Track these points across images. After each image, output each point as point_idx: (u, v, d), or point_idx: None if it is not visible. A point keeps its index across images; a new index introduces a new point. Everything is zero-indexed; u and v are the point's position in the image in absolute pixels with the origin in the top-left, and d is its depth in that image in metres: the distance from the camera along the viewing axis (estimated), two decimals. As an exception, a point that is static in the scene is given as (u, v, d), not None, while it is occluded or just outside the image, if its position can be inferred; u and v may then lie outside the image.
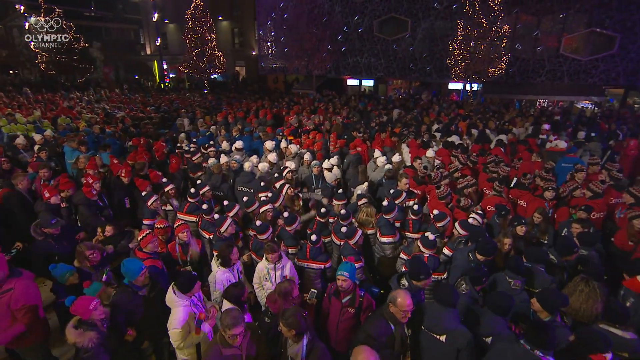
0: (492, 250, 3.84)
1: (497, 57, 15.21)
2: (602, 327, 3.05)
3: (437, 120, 11.71)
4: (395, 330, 3.02)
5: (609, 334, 2.89)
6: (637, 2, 16.09)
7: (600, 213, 5.35)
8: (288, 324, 2.79)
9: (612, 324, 3.01)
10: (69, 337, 2.93)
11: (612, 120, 12.39)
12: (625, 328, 2.97)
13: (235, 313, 2.77)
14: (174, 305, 3.32)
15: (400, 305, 2.91)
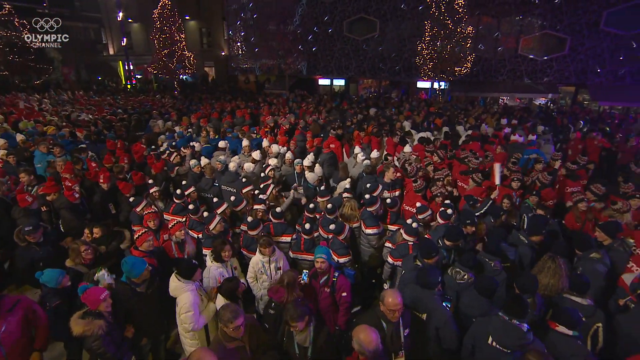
0: (457, 235, 4.17)
1: (462, 57, 15.98)
2: (565, 296, 3.46)
3: (407, 117, 12.22)
4: (387, 328, 3.06)
5: (571, 301, 3.35)
6: (583, 8, 17.43)
7: (552, 200, 5.89)
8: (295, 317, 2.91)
9: (575, 294, 3.41)
10: (76, 329, 2.99)
11: (565, 116, 13.43)
12: (584, 296, 3.38)
13: (232, 307, 2.89)
14: (181, 292, 3.42)
15: (389, 304, 2.95)
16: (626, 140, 9.47)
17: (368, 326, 2.72)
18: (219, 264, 3.94)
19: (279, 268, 4.08)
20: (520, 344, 2.68)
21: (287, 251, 4.61)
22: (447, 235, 4.19)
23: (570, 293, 3.44)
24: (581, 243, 4.17)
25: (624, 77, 17.56)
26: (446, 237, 4.20)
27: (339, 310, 3.85)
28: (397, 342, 3.07)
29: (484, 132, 10.35)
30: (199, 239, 4.77)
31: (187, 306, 3.40)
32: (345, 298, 3.76)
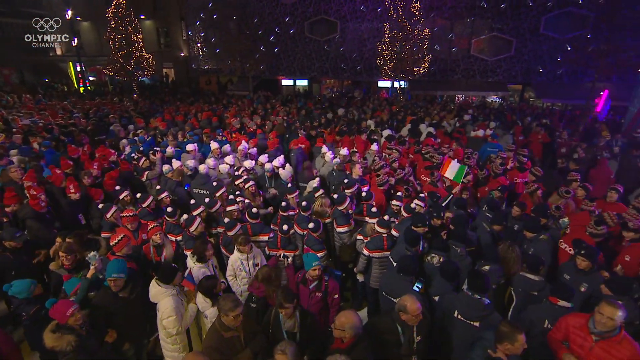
0: (422, 221, 4.53)
1: (420, 57, 16.77)
2: (521, 274, 3.93)
3: (372, 117, 12.72)
4: (404, 334, 3.11)
5: (526, 278, 3.82)
6: (525, 13, 18.90)
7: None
8: (288, 299, 3.12)
9: (529, 272, 3.87)
10: (47, 341, 2.97)
11: (514, 113, 14.56)
12: (537, 274, 3.85)
13: (232, 296, 3.06)
14: (162, 297, 3.48)
15: (413, 311, 2.97)
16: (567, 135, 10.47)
17: (347, 310, 2.98)
18: (201, 264, 4.04)
19: (257, 264, 4.26)
20: (481, 315, 3.05)
21: (264, 248, 4.76)
22: (414, 222, 4.54)
23: (526, 271, 3.90)
24: (532, 227, 4.65)
25: (561, 77, 19.27)
26: (413, 224, 4.54)
27: (329, 311, 3.97)
28: (410, 348, 3.13)
29: (446, 129, 11.06)
30: (178, 241, 4.81)
31: (169, 311, 3.46)
32: (337, 300, 3.94)
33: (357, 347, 2.92)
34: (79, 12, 29.38)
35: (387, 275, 3.93)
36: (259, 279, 3.78)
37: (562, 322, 3.25)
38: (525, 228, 4.70)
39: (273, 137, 9.19)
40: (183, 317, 3.57)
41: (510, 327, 2.68)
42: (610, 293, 3.42)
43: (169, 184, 6.46)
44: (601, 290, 3.52)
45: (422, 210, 5.19)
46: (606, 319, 2.83)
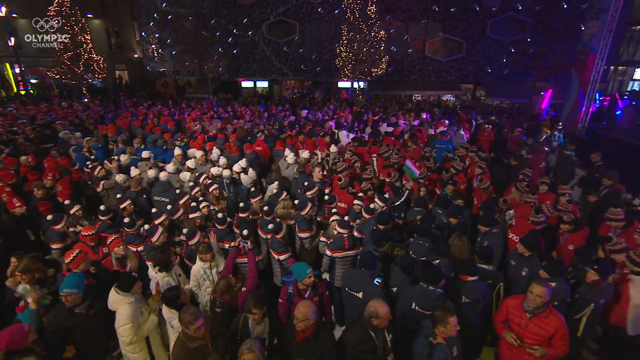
0: (387, 219, 4.82)
1: (377, 58, 17.30)
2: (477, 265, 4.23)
3: (332, 118, 12.96)
4: (377, 337, 3.15)
5: (481, 269, 4.09)
6: (473, 17, 20.07)
7: (464, 185, 6.96)
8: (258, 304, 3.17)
9: (483, 262, 4.19)
10: None
11: (467, 111, 15.42)
12: (490, 264, 4.20)
13: (191, 309, 3.06)
14: (119, 304, 3.44)
15: (382, 315, 3.05)
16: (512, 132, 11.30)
17: (301, 301, 3.12)
18: (164, 273, 4.01)
19: (221, 272, 4.26)
20: (435, 305, 3.31)
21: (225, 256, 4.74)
22: (378, 220, 4.79)
23: (479, 262, 4.20)
24: (486, 221, 4.93)
25: (507, 77, 20.67)
26: (378, 222, 4.79)
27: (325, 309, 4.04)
28: (385, 350, 3.20)
29: (399, 128, 11.52)
30: (140, 252, 4.71)
31: (124, 319, 3.44)
32: (328, 296, 4.04)
33: (321, 331, 3.09)
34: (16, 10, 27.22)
35: (348, 271, 4.13)
36: (218, 293, 3.80)
37: (503, 305, 3.62)
38: (480, 223, 4.99)
39: (233, 141, 9.10)
40: (140, 327, 3.53)
41: (443, 312, 2.94)
42: (548, 276, 3.82)
43: (128, 193, 6.27)
44: (540, 274, 3.92)
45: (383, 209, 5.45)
46: (535, 297, 3.19)
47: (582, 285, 3.90)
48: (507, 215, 5.36)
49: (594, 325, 3.87)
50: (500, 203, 5.70)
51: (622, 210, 4.94)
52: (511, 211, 5.38)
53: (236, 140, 9.39)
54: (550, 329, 3.26)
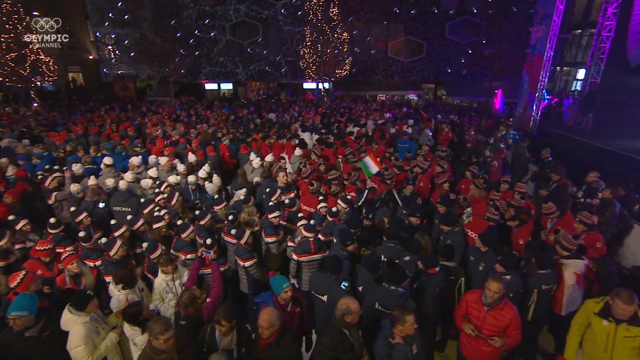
0: (356, 222, 4.91)
1: (341, 59, 17.50)
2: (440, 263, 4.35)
3: (297, 120, 12.96)
4: (352, 335, 3.18)
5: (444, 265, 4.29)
6: (432, 19, 20.80)
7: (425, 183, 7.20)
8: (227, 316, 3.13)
9: (445, 259, 4.38)
10: None
11: (427, 110, 15.95)
12: (452, 261, 4.38)
13: (164, 319, 2.98)
14: (72, 325, 3.27)
15: (355, 310, 3.10)
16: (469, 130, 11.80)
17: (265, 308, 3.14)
18: (127, 290, 3.85)
19: (184, 284, 4.16)
20: (397, 304, 3.42)
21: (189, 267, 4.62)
22: (348, 223, 4.90)
23: (442, 259, 4.37)
24: (448, 221, 5.10)
25: (466, 77, 21.59)
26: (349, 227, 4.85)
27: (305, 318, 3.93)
28: (360, 347, 3.23)
29: (370, 128, 11.73)
30: (97, 267, 4.50)
31: (77, 340, 3.26)
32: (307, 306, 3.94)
33: (284, 336, 3.10)
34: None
35: (315, 274, 4.18)
36: (182, 306, 3.70)
37: (463, 300, 3.80)
38: (442, 222, 5.16)
39: (195, 146, 8.89)
40: (97, 347, 3.38)
41: (401, 311, 3.04)
42: (503, 269, 4.05)
43: (84, 204, 5.96)
44: (496, 268, 4.15)
45: (346, 211, 5.54)
46: (492, 293, 3.39)
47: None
48: (465, 212, 5.61)
49: (542, 311, 4.14)
50: (461, 200, 5.95)
51: (553, 204, 5.37)
52: (469, 209, 5.64)
53: (199, 144, 9.18)
54: (506, 319, 3.46)
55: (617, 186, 6.00)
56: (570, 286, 4.23)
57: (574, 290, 4.26)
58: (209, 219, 5.28)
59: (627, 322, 3.19)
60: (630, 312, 3.14)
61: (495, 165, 8.53)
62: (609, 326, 3.27)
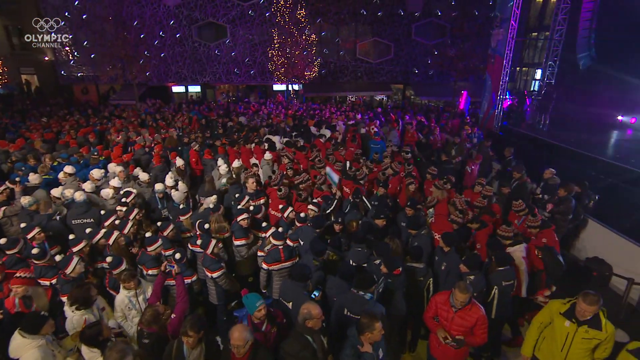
0: (321, 222, 4.95)
1: (310, 61, 17.49)
2: (408, 264, 4.46)
3: (267, 124, 12.82)
4: (315, 341, 3.14)
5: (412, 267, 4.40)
6: (398, 21, 21.22)
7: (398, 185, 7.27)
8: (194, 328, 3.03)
9: (413, 261, 4.46)
10: None
11: (395, 111, 16.24)
12: (420, 262, 4.45)
13: (119, 346, 2.83)
14: (24, 350, 3.06)
15: (316, 315, 3.07)
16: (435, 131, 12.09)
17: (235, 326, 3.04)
18: (82, 311, 3.63)
19: (148, 299, 4.00)
20: (364, 309, 3.43)
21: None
22: (313, 224, 4.92)
23: (411, 261, 4.47)
24: (414, 225, 5.16)
25: (432, 77, 22.18)
26: (313, 227, 4.92)
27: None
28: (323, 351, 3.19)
29: (340, 130, 11.77)
30: (53, 286, 4.23)
31: None
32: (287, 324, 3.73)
33: (258, 352, 3.03)
34: None
35: (284, 281, 4.13)
36: (145, 324, 3.54)
37: (432, 301, 3.87)
38: (409, 227, 5.20)
39: (158, 152, 8.57)
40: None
41: (369, 318, 3.04)
42: (467, 270, 4.17)
43: (37, 218, 5.60)
44: (460, 268, 4.26)
45: (315, 215, 5.52)
46: (460, 303, 3.52)
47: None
48: (428, 213, 5.74)
49: (505, 307, 4.28)
50: (428, 202, 6.07)
51: (523, 202, 5.61)
52: (431, 209, 5.77)
53: (162, 150, 8.86)
54: (473, 319, 3.56)
55: (571, 183, 6.33)
56: (524, 271, 4.59)
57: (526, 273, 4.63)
58: (172, 230, 5.11)
59: (588, 324, 3.31)
60: (590, 313, 3.26)
61: (469, 170, 8.69)
62: (570, 327, 3.39)
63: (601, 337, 3.28)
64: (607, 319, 3.32)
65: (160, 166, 7.85)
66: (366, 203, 6.31)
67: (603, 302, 3.27)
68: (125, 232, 5.02)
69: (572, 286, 5.59)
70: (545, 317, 3.70)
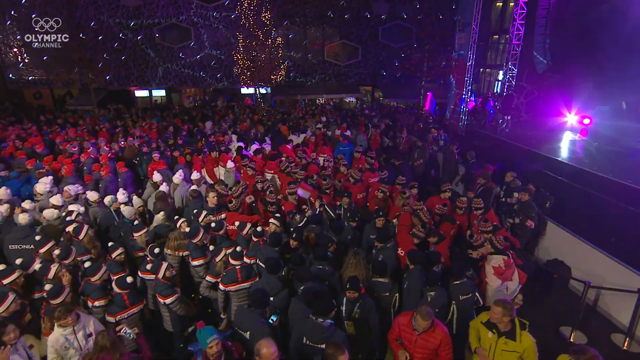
0: (278, 240, 4.75)
1: (276, 64, 17.19)
2: (373, 279, 4.32)
3: (234, 131, 12.43)
4: None
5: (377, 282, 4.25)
6: (365, 23, 21.33)
7: (362, 193, 7.15)
8: None
9: (378, 276, 4.30)
10: None
11: (364, 113, 16.25)
12: (385, 277, 4.29)
13: None
14: None
15: (268, 356, 2.84)
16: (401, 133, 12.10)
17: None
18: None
19: (90, 335, 3.60)
20: (324, 337, 3.26)
21: (102, 315, 4.05)
22: (270, 242, 4.72)
23: (375, 276, 4.31)
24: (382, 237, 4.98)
25: (400, 79, 22.45)
26: (269, 244, 4.72)
27: None
28: None
29: (309, 135, 11.54)
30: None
31: None
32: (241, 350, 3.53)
33: None
34: None
35: (239, 308, 3.88)
36: (98, 351, 3.18)
37: (395, 322, 3.74)
38: (378, 239, 5.00)
39: (104, 163, 8.05)
40: None
41: (334, 349, 2.87)
42: (427, 287, 4.09)
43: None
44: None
45: (279, 230, 5.30)
46: (422, 328, 3.40)
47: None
48: (392, 224, 5.65)
49: (466, 322, 4.20)
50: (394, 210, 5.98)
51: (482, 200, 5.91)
52: (395, 220, 5.68)
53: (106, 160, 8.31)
54: (436, 341, 3.46)
55: (528, 185, 6.44)
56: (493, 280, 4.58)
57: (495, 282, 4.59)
58: (121, 253, 4.73)
59: (505, 336, 3.36)
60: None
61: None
62: (492, 338, 3.45)
63: (519, 349, 3.31)
64: (524, 329, 3.36)
65: (109, 177, 7.33)
66: (330, 213, 6.16)
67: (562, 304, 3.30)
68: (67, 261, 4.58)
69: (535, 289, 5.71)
70: (475, 323, 3.73)
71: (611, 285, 5.41)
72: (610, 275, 5.50)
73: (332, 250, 4.79)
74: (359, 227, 5.62)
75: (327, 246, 4.62)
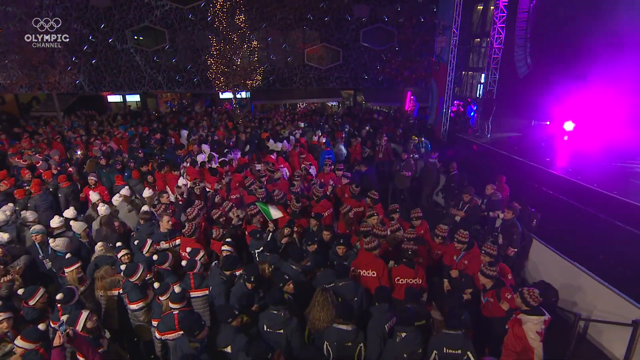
0: (233, 263, 4.27)
1: (252, 69, 16.48)
2: (334, 326, 3.57)
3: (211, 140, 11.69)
4: None
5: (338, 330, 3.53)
6: (346, 26, 20.84)
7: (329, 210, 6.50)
8: None
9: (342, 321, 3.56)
10: None
11: (346, 119, 15.71)
12: (349, 323, 3.55)
13: None
14: None
15: None
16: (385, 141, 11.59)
17: None
18: None
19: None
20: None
21: None
22: (223, 266, 4.28)
23: (338, 322, 3.57)
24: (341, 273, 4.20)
25: (382, 83, 22.03)
26: (223, 267, 4.26)
27: None
28: None
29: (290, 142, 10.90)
30: None
31: None
32: None
33: None
34: None
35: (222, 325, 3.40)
36: None
37: None
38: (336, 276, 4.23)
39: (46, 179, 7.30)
40: None
41: None
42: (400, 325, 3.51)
43: None
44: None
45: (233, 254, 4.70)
46: None
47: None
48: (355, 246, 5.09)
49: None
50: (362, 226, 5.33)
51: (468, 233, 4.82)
52: (357, 244, 5.12)
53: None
54: None
55: (512, 204, 5.95)
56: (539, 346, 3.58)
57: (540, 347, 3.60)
58: (41, 297, 3.99)
59: None
60: None
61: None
62: None
63: None
64: None
65: (42, 195, 6.54)
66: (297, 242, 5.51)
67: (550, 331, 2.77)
68: None
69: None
70: None
71: (602, 313, 4.95)
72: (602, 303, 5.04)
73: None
74: (321, 250, 4.91)
75: (282, 285, 3.89)
